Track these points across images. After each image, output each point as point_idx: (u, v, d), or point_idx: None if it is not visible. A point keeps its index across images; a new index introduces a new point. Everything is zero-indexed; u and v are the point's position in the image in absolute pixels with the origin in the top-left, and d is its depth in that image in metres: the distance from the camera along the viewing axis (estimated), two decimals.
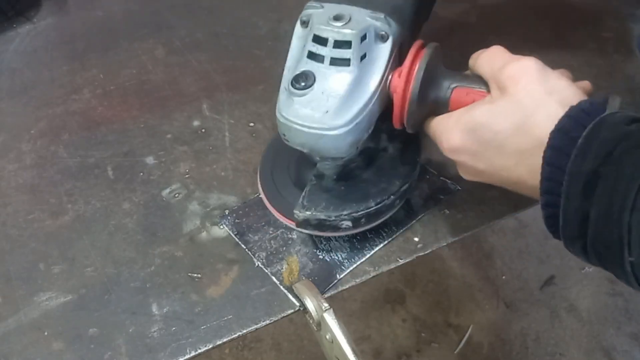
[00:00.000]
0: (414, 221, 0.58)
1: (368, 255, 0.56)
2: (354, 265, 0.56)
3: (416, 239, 0.57)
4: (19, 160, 0.67)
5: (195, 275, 0.56)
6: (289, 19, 0.84)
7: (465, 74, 0.49)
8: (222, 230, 0.59)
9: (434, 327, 1.40)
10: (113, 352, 0.51)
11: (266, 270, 0.55)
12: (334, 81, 0.46)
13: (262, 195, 0.58)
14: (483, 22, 0.81)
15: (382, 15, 0.47)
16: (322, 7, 0.49)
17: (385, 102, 0.49)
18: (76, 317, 0.53)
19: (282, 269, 0.56)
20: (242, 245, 0.58)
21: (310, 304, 0.50)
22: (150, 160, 0.66)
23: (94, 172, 0.65)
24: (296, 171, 0.58)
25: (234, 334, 0.52)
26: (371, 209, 0.53)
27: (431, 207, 0.59)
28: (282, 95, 0.48)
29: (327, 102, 0.46)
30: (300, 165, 0.58)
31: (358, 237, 0.57)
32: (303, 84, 0.46)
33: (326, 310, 0.50)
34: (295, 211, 0.53)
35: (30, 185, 0.64)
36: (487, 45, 0.48)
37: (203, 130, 0.69)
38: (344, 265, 0.56)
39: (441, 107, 0.49)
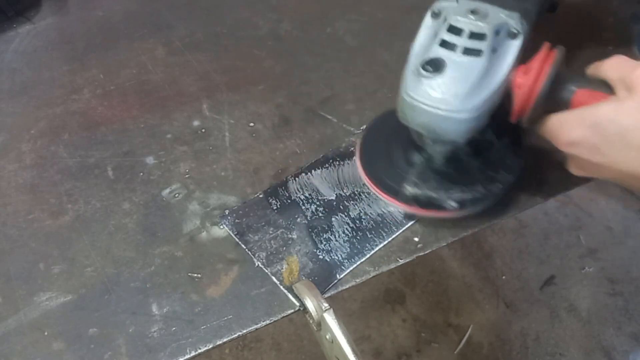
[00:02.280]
0: (414, 221, 0.59)
1: (368, 255, 0.56)
2: (354, 265, 0.56)
3: (416, 239, 0.57)
4: (19, 160, 0.67)
5: (195, 275, 0.56)
6: (289, 19, 0.84)
7: (588, 78, 0.52)
8: (222, 230, 0.59)
9: (434, 327, 1.40)
10: (113, 352, 0.51)
11: (266, 270, 0.55)
12: (465, 69, 0.49)
13: (364, 176, 0.60)
14: None
15: (516, 15, 0.50)
16: (457, 1, 0.52)
17: (502, 97, 0.51)
18: (76, 317, 0.53)
19: (282, 269, 0.56)
20: (242, 245, 0.58)
21: (310, 304, 0.50)
22: (150, 160, 0.66)
23: (94, 172, 0.65)
24: (399, 154, 0.60)
25: (234, 334, 0.52)
26: (477, 193, 0.56)
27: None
28: (410, 77, 0.50)
29: (457, 87, 0.48)
30: (402, 149, 0.60)
31: (358, 237, 0.57)
32: (434, 68, 0.49)
33: (326, 310, 0.50)
34: (406, 186, 0.56)
35: (30, 185, 0.64)
36: None
37: (203, 130, 0.69)
38: (344, 265, 0.56)
39: (562, 106, 0.51)
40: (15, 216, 0.61)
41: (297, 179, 0.63)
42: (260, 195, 0.62)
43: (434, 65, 0.49)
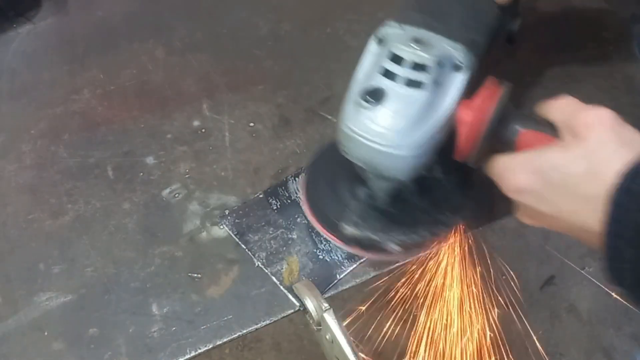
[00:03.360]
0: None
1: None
2: (354, 265, 0.55)
3: None
4: (19, 161, 0.67)
5: (195, 275, 0.56)
6: (289, 19, 0.84)
7: (534, 118, 0.49)
8: (222, 230, 0.59)
9: None
10: (113, 352, 0.51)
11: (266, 270, 0.55)
12: (406, 101, 0.46)
13: (305, 206, 0.56)
14: None
15: (461, 47, 0.48)
16: (402, 29, 0.49)
17: (448, 133, 0.49)
18: (76, 317, 0.53)
19: (282, 269, 0.56)
20: (242, 245, 0.58)
21: (310, 304, 0.50)
22: (150, 160, 0.66)
23: (94, 172, 0.65)
24: (342, 186, 0.56)
25: (234, 334, 0.52)
26: (421, 236, 0.53)
27: None
28: (349, 107, 0.48)
29: (397, 121, 0.46)
30: (346, 180, 0.56)
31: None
32: (373, 99, 0.46)
33: (326, 310, 0.49)
34: (343, 224, 0.52)
35: (30, 185, 0.64)
36: None
37: (203, 130, 0.69)
38: (344, 265, 0.56)
39: (506, 146, 0.48)
40: (15, 216, 0.61)
41: (297, 179, 0.63)
42: (260, 195, 0.62)
43: (375, 96, 0.46)
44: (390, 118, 0.46)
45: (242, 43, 0.81)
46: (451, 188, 0.55)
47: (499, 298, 0.63)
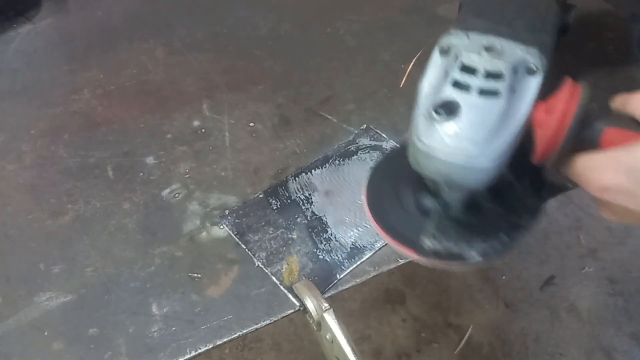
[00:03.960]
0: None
1: (368, 255, 0.56)
2: (354, 265, 0.56)
3: None
4: (19, 160, 0.67)
5: (195, 275, 0.56)
6: (289, 19, 0.84)
7: (618, 116, 0.48)
8: (222, 230, 0.59)
9: (434, 327, 1.40)
10: (113, 352, 0.51)
11: (266, 270, 0.55)
12: (482, 112, 0.44)
13: (375, 225, 0.54)
14: None
15: (535, 50, 0.46)
16: (468, 37, 0.48)
17: (522, 137, 0.47)
18: (76, 317, 0.53)
19: (282, 269, 0.56)
20: (242, 245, 0.58)
21: (310, 304, 0.50)
22: (150, 160, 0.66)
23: (94, 172, 0.65)
24: (409, 199, 0.55)
25: (234, 334, 0.52)
26: (502, 242, 0.52)
27: None
28: (421, 122, 0.46)
29: (476, 133, 0.44)
30: (412, 192, 0.55)
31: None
32: (447, 112, 0.44)
33: (326, 310, 0.50)
34: (425, 240, 0.51)
35: (30, 185, 0.64)
36: None
37: (203, 130, 0.69)
38: (344, 265, 0.56)
39: (589, 146, 0.47)
40: (15, 216, 0.61)
41: (297, 179, 0.63)
42: (260, 195, 0.62)
43: (448, 109, 0.44)
44: (469, 131, 0.44)
45: (242, 43, 0.81)
46: (524, 190, 0.55)
47: (499, 298, 0.62)
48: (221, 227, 0.59)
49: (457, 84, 0.45)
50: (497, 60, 0.45)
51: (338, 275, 0.55)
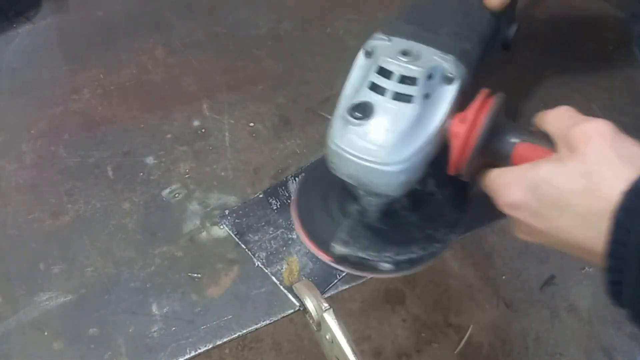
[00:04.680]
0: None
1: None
2: None
3: None
4: (19, 160, 0.67)
5: (195, 275, 0.56)
6: (289, 19, 0.84)
7: (529, 130, 0.48)
8: (222, 230, 0.59)
9: (434, 327, 1.40)
10: (113, 352, 0.51)
11: (266, 270, 0.55)
12: (394, 116, 0.45)
13: (297, 225, 0.56)
14: None
15: (451, 57, 0.46)
16: (390, 40, 0.48)
17: (440, 146, 0.47)
18: (76, 317, 0.53)
19: (282, 269, 0.56)
20: (242, 245, 0.58)
21: (310, 304, 0.50)
22: (150, 160, 0.66)
23: (94, 172, 0.65)
24: (335, 202, 0.55)
25: (234, 334, 0.52)
26: (414, 254, 0.52)
27: None
28: (337, 123, 0.46)
29: (385, 136, 0.44)
30: (339, 197, 0.55)
31: None
32: (361, 114, 0.45)
33: (326, 310, 0.50)
34: (333, 245, 0.52)
35: (30, 185, 0.64)
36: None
37: (203, 130, 0.69)
38: None
39: (501, 160, 0.47)
40: (15, 216, 0.61)
41: (297, 179, 0.63)
42: (260, 195, 0.62)
43: (362, 111, 0.44)
44: (379, 133, 0.44)
45: (242, 43, 0.81)
46: (446, 203, 0.54)
47: (499, 298, 0.62)
48: (221, 227, 0.59)
49: (373, 87, 0.45)
50: (412, 66, 0.45)
51: (338, 275, 0.55)
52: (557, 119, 0.44)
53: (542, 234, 0.43)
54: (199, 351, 0.51)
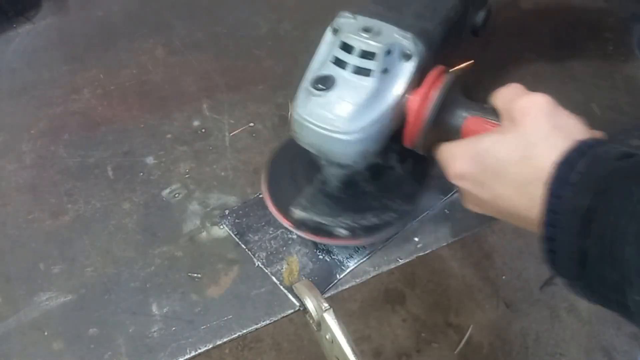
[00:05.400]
0: (415, 221, 0.58)
1: (368, 256, 0.56)
2: (354, 265, 0.56)
3: (416, 239, 0.57)
4: (19, 160, 0.67)
5: (195, 275, 0.56)
6: (289, 19, 0.84)
7: (482, 106, 0.50)
8: (222, 230, 0.59)
9: (434, 327, 1.40)
10: (113, 352, 0.51)
11: (266, 270, 0.55)
12: (353, 88, 0.47)
13: (264, 192, 0.58)
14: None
15: (409, 35, 0.48)
16: (355, 18, 0.50)
17: (399, 120, 0.50)
18: (76, 317, 0.53)
19: (282, 269, 0.56)
20: (242, 245, 0.58)
21: (310, 304, 0.50)
22: (150, 160, 0.66)
23: (94, 172, 0.65)
24: (303, 174, 0.58)
25: (234, 334, 0.52)
26: (370, 221, 0.54)
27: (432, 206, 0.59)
28: (301, 94, 0.49)
29: (343, 107, 0.47)
30: (308, 169, 0.58)
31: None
32: (323, 86, 0.47)
33: (326, 310, 0.50)
34: (292, 208, 0.54)
35: (30, 185, 0.64)
36: (487, 47, 0.48)
37: (203, 130, 0.69)
38: (344, 265, 0.56)
39: (453, 134, 0.49)
40: (15, 216, 0.61)
41: None
42: (260, 195, 0.62)
43: (325, 83, 0.48)
44: (338, 104, 0.47)
45: (242, 43, 0.81)
46: (405, 176, 0.57)
47: (499, 298, 0.62)
48: (221, 227, 0.59)
49: (336, 61, 0.49)
50: (372, 41, 0.48)
51: (338, 275, 0.55)
52: (503, 94, 0.47)
53: (487, 203, 0.45)
54: (199, 351, 0.51)
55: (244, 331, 0.52)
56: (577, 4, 0.83)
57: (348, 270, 0.55)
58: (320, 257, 0.56)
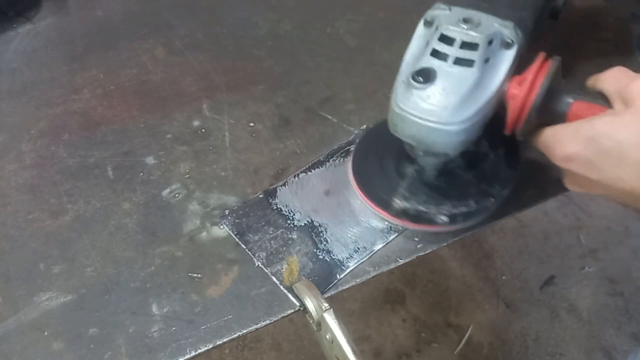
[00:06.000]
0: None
1: (368, 255, 0.56)
2: (354, 265, 0.56)
3: (416, 239, 0.57)
4: (19, 160, 0.67)
5: (195, 275, 0.56)
6: (289, 19, 0.84)
7: (586, 90, 0.50)
8: (222, 230, 0.59)
9: (434, 327, 1.40)
10: (113, 352, 0.51)
11: (266, 270, 0.55)
12: (456, 80, 0.48)
13: (354, 185, 0.59)
14: None
15: (510, 24, 0.49)
16: (450, 10, 0.50)
17: (497, 107, 0.50)
18: (76, 317, 0.53)
19: (282, 269, 0.56)
20: (242, 245, 0.58)
21: (310, 304, 0.50)
22: (150, 160, 0.66)
23: (94, 172, 0.65)
24: (391, 166, 0.59)
25: (234, 334, 0.52)
26: (470, 207, 0.55)
27: None
28: (400, 88, 0.49)
29: (447, 98, 0.47)
30: (395, 160, 0.59)
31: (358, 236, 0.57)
32: (424, 79, 0.48)
33: (326, 310, 0.50)
34: (395, 199, 0.56)
35: (30, 185, 0.64)
36: None
37: (203, 130, 0.69)
38: (344, 265, 0.56)
39: (558, 119, 0.49)
40: (15, 216, 0.61)
41: (297, 178, 0.63)
42: (260, 195, 0.62)
43: (425, 76, 0.48)
44: (441, 96, 0.47)
45: (242, 43, 0.81)
46: (499, 162, 0.58)
47: (499, 298, 0.62)
48: (221, 227, 0.59)
49: (435, 53, 0.49)
50: (473, 32, 0.48)
51: (338, 275, 0.55)
52: (612, 78, 0.47)
53: (597, 184, 0.46)
54: (199, 351, 0.51)
55: (244, 331, 0.52)
56: (577, 4, 0.83)
57: (348, 270, 0.55)
58: (320, 257, 0.56)
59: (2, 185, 0.64)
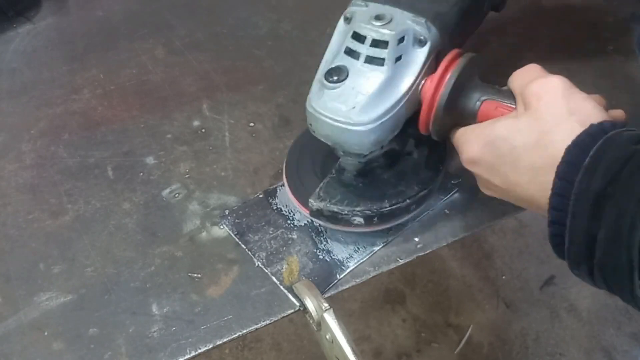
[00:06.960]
0: (414, 221, 0.58)
1: (368, 255, 0.56)
2: (354, 265, 0.56)
3: (416, 239, 0.57)
4: (19, 160, 0.67)
5: (195, 275, 0.56)
6: (289, 19, 0.84)
7: (499, 89, 0.49)
8: (222, 230, 0.59)
9: (434, 327, 1.40)
10: (113, 352, 0.51)
11: (266, 270, 0.55)
12: (366, 79, 0.47)
13: (285, 183, 0.58)
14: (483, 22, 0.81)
15: (422, 20, 0.47)
16: (367, 6, 0.49)
17: (415, 106, 0.49)
18: (76, 317, 0.53)
19: (282, 269, 0.56)
20: (242, 245, 0.58)
21: (310, 304, 0.50)
22: (150, 160, 0.66)
23: (94, 172, 0.65)
24: (322, 164, 0.59)
25: (234, 334, 0.52)
26: (385, 209, 0.53)
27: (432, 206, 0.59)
28: (314, 87, 0.49)
29: (356, 98, 0.46)
30: (326, 159, 0.58)
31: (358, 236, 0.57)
32: (336, 77, 0.47)
33: (326, 310, 0.50)
34: (310, 200, 0.54)
35: (30, 185, 0.64)
36: (487, 45, 0.48)
37: (203, 130, 0.69)
38: (344, 265, 0.56)
39: (469, 118, 0.49)
40: (15, 216, 0.61)
41: None
42: (260, 195, 0.62)
43: (337, 74, 0.47)
44: (351, 96, 0.46)
45: (242, 43, 0.81)
46: (421, 162, 0.56)
47: (499, 298, 0.62)
48: (221, 227, 0.59)
49: (348, 51, 0.48)
50: (383, 30, 0.47)
51: (338, 275, 0.55)
52: (519, 77, 0.46)
53: (500, 188, 0.45)
54: (199, 351, 0.51)
55: (244, 331, 0.52)
56: (577, 3, 0.83)
57: (348, 270, 0.55)
58: (320, 257, 0.56)
59: (2, 185, 0.64)
